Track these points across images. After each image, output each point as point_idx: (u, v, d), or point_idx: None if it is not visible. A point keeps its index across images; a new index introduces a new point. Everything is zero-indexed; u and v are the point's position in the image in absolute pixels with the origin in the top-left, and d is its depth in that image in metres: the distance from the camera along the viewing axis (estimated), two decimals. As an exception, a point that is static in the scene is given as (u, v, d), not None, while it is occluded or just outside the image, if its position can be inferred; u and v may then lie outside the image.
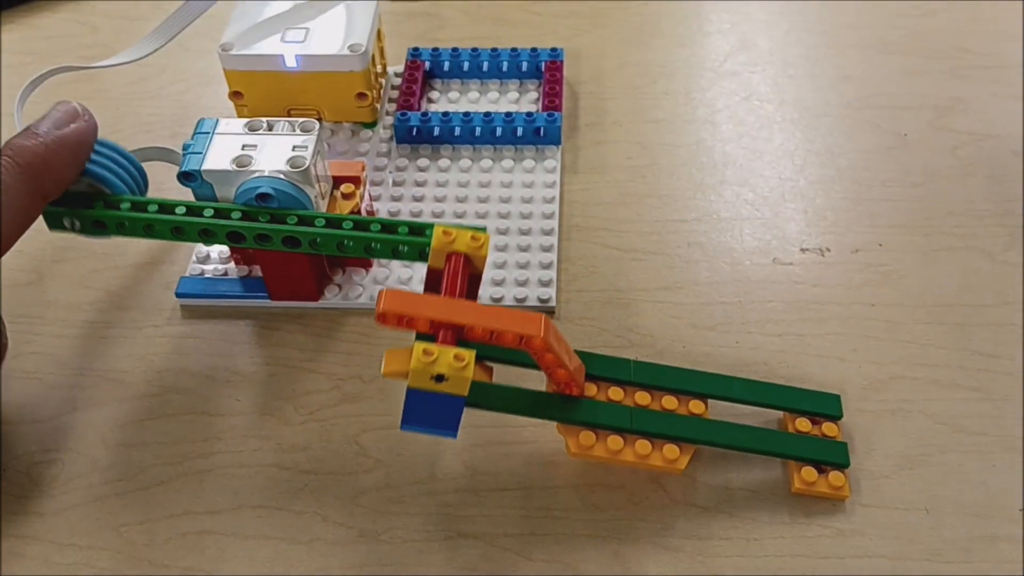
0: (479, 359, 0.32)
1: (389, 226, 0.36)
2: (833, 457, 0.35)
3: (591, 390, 0.35)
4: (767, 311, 0.40)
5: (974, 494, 0.34)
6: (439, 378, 0.30)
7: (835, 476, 0.35)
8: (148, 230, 0.35)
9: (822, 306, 0.40)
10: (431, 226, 0.35)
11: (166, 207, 0.35)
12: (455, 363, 0.30)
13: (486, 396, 0.34)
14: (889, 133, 0.47)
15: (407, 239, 0.35)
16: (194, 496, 0.35)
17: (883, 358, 0.39)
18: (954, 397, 0.37)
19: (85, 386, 0.39)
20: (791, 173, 0.45)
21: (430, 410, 0.31)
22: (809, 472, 0.35)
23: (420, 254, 0.35)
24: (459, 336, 0.32)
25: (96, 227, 0.35)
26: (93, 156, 0.35)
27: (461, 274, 0.34)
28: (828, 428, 0.36)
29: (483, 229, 0.35)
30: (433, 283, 0.35)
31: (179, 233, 0.35)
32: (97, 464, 0.36)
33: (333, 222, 0.36)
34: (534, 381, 0.35)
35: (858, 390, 0.38)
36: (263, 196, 0.35)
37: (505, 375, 0.34)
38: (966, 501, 0.34)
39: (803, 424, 0.36)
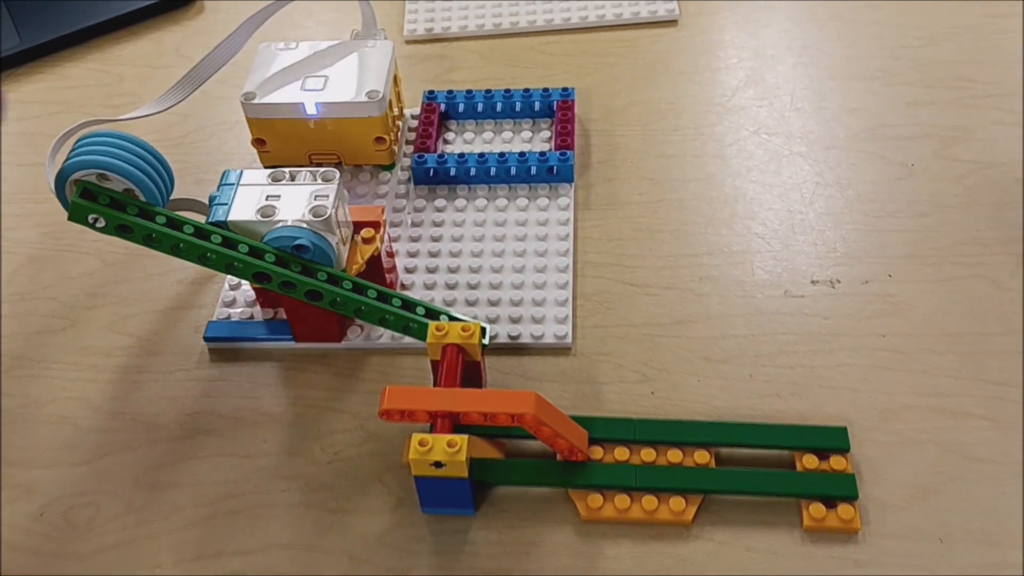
0: (491, 437, 0.36)
1: (409, 304, 0.39)
2: (841, 491, 0.36)
3: (597, 453, 0.37)
4: (779, 343, 0.41)
5: (985, 522, 0.35)
6: (438, 464, 0.33)
7: (844, 509, 0.35)
8: (175, 249, 0.37)
9: (833, 338, 0.41)
10: (446, 313, 0.38)
11: (202, 232, 0.37)
12: (448, 449, 0.33)
13: (493, 471, 0.36)
14: (895, 164, 0.48)
15: (419, 319, 0.38)
16: (226, 537, 0.36)
17: (894, 388, 0.39)
18: (965, 426, 0.38)
19: (118, 429, 0.40)
20: (800, 206, 0.46)
21: (441, 493, 0.35)
22: (817, 508, 0.35)
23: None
24: (456, 422, 0.35)
25: (121, 231, 0.36)
26: (134, 159, 0.36)
27: (457, 364, 0.37)
28: (836, 462, 0.37)
29: (481, 323, 0.38)
30: (436, 374, 0.38)
31: (204, 260, 0.37)
32: (131, 506, 0.38)
33: (360, 288, 0.38)
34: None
35: (870, 421, 0.38)
36: (300, 247, 0.37)
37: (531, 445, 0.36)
38: (977, 529, 0.35)
39: (810, 461, 0.37)
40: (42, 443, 0.40)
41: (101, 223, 0.36)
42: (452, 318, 0.39)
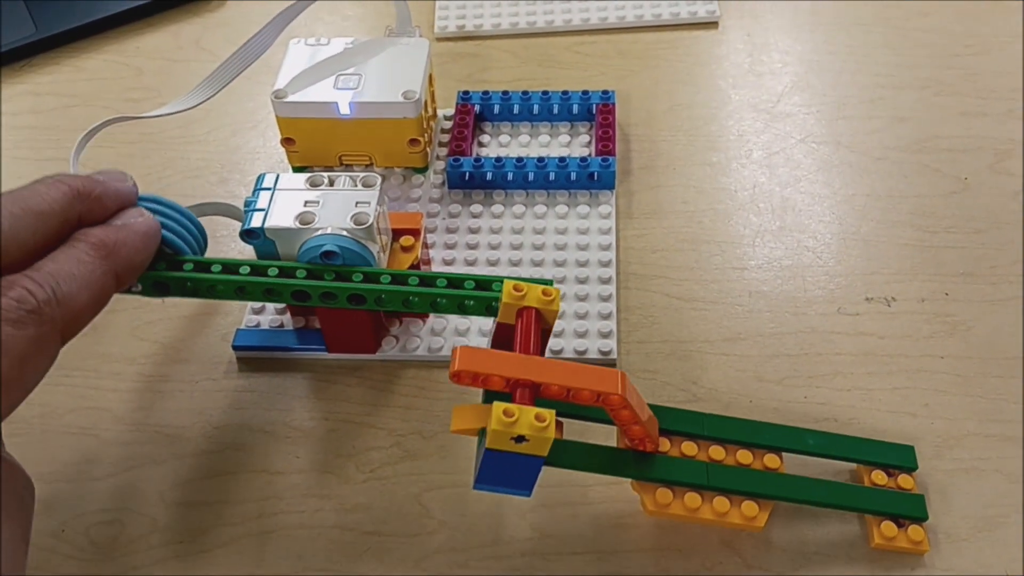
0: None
1: (455, 281, 0.35)
2: (911, 511, 0.34)
3: (664, 445, 0.35)
4: (834, 364, 0.39)
5: (1057, 558, 0.34)
6: (519, 439, 0.29)
7: (914, 530, 0.34)
8: (212, 291, 0.35)
9: (891, 359, 0.39)
10: (497, 280, 0.35)
11: (230, 267, 0.35)
12: (536, 424, 0.29)
13: (562, 455, 0.33)
14: (949, 177, 0.46)
15: (474, 294, 0.35)
16: (256, 559, 0.35)
17: (955, 414, 0.38)
18: (1030, 455, 0.36)
19: (142, 442, 0.38)
20: (853, 219, 0.45)
21: (506, 470, 0.31)
22: (889, 527, 0.34)
23: (487, 309, 0.35)
24: (536, 394, 0.31)
25: (157, 288, 0.35)
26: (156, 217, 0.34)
27: (533, 330, 0.33)
28: (904, 480, 0.35)
29: (551, 282, 0.35)
30: (502, 338, 0.34)
31: (243, 293, 0.35)
32: (157, 524, 0.36)
33: (399, 278, 0.35)
34: (596, 435, 0.34)
35: (931, 447, 0.37)
36: (328, 254, 0.35)
37: (568, 429, 0.33)
38: (1049, 566, 0.33)
39: (879, 477, 0.35)
40: (62, 455, 0.38)
41: (139, 287, 0.34)
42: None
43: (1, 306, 0.27)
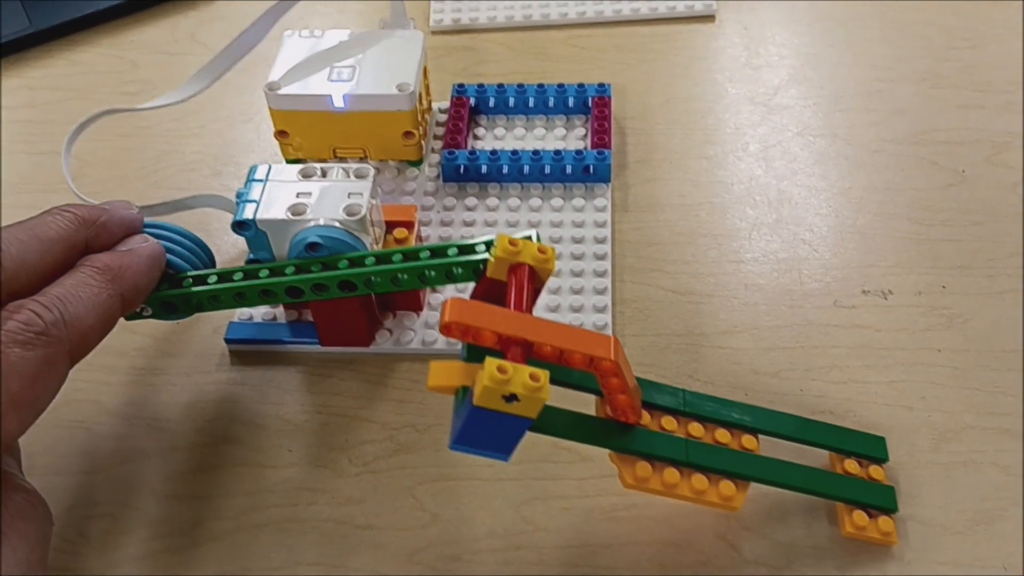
0: None
1: (438, 250, 0.35)
2: (883, 502, 0.34)
3: (644, 418, 0.33)
4: (830, 357, 0.39)
5: (1054, 552, 0.33)
6: (511, 398, 0.28)
7: (884, 521, 0.34)
8: (215, 302, 0.35)
9: (887, 352, 0.39)
10: (480, 242, 0.34)
11: (224, 276, 0.35)
12: (531, 383, 0.28)
13: (547, 421, 0.31)
14: (946, 170, 0.46)
15: (459, 260, 0.34)
16: (249, 553, 0.34)
17: (952, 407, 0.37)
18: (1026, 448, 0.36)
19: (134, 436, 0.38)
20: (849, 211, 0.44)
21: (490, 431, 0.29)
22: (860, 516, 0.34)
23: (474, 272, 0.34)
24: (528, 354, 0.30)
25: (166, 309, 0.36)
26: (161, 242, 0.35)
27: (527, 288, 0.32)
28: (875, 471, 0.35)
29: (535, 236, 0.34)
30: (490, 297, 0.32)
31: (241, 299, 0.35)
32: (148, 518, 0.36)
33: (383, 258, 0.35)
34: (573, 404, 0.33)
35: (928, 440, 0.37)
36: (312, 246, 0.35)
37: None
38: (1045, 559, 0.33)
39: (851, 466, 0.35)
40: (53, 449, 0.38)
41: (149, 311, 0.36)
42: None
43: (11, 328, 0.28)
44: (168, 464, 0.37)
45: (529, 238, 0.33)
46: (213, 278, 0.35)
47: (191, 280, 0.35)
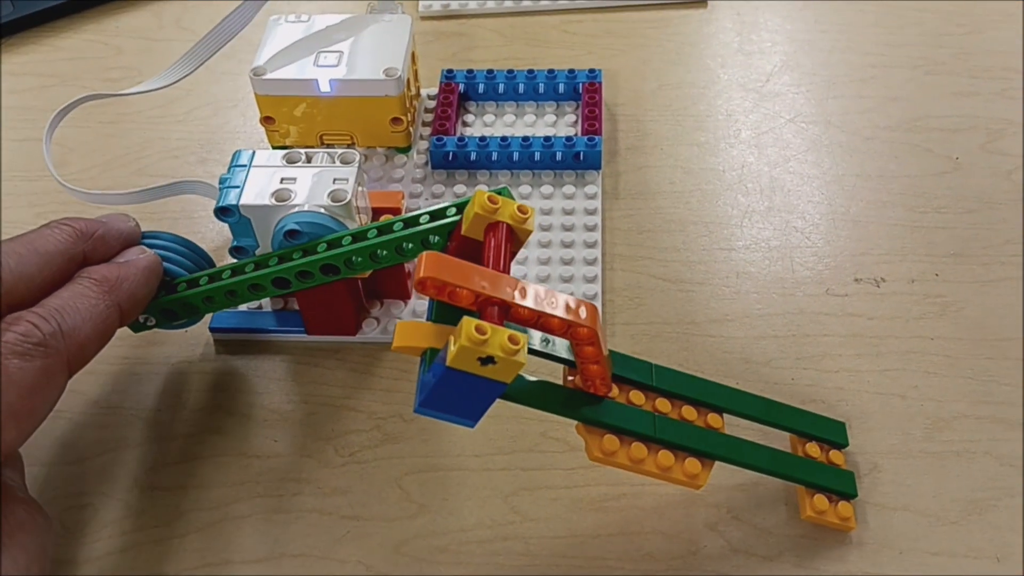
0: None
1: (410, 220, 0.34)
2: (843, 487, 0.34)
3: (613, 391, 0.32)
4: (822, 345, 0.39)
5: (1047, 541, 0.33)
6: (487, 360, 0.27)
7: (843, 507, 0.33)
8: (209, 302, 0.35)
9: (880, 340, 0.39)
10: (454, 204, 0.33)
11: (214, 276, 0.35)
12: (509, 346, 0.26)
13: (517, 388, 0.30)
14: (940, 157, 0.46)
15: (432, 226, 0.33)
16: (233, 544, 0.34)
17: (945, 396, 0.37)
18: (1021, 437, 0.36)
19: (117, 425, 0.37)
20: (842, 199, 0.44)
21: (460, 395, 0.28)
22: (821, 500, 0.33)
23: (450, 236, 0.33)
24: (505, 316, 0.28)
25: (166, 316, 0.36)
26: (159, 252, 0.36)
27: (504, 248, 0.31)
28: (835, 456, 0.35)
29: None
30: (465, 256, 0.31)
31: (234, 296, 0.35)
32: (131, 509, 0.35)
33: (358, 236, 0.34)
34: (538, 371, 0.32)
35: (921, 429, 0.36)
36: (291, 233, 0.34)
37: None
38: (1039, 549, 0.33)
39: (813, 449, 0.35)
40: (34, 439, 0.36)
41: (152, 321, 0.36)
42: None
43: (9, 340, 0.28)
44: (151, 454, 0.37)
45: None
46: (204, 279, 0.35)
47: (184, 284, 0.35)
